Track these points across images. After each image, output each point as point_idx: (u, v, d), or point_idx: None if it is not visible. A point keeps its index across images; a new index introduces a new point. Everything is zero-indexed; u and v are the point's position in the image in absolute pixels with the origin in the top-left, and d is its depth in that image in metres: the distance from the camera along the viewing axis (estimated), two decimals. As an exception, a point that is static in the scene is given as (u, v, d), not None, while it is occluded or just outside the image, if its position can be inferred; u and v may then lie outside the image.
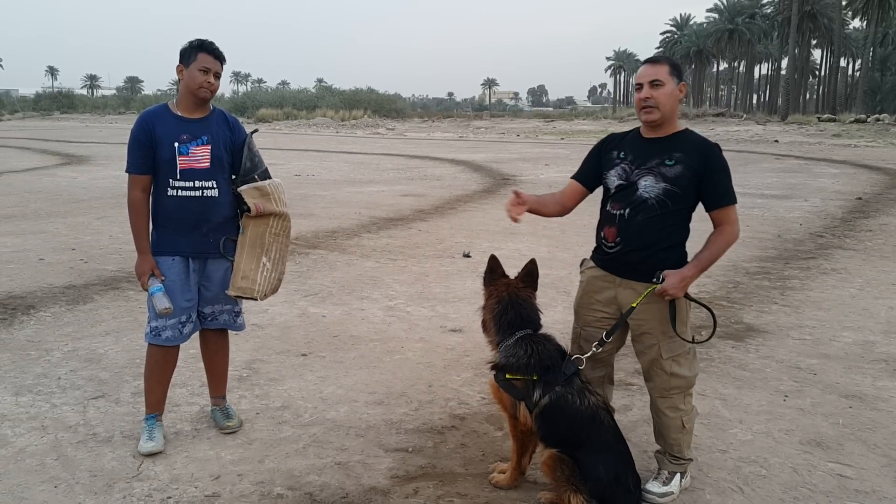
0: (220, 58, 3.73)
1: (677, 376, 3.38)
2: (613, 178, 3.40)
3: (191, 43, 3.71)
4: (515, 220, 3.43)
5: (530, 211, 3.52)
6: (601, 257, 3.47)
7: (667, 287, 3.20)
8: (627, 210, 3.32)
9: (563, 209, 3.62)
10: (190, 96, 3.72)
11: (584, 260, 3.66)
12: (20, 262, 8.20)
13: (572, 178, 3.63)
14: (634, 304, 3.32)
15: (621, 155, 3.41)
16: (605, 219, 3.45)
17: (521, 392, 3.30)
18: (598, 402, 3.29)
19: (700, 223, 3.44)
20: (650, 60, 3.33)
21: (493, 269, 3.55)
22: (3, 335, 5.67)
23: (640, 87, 3.30)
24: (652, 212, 3.27)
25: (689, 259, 3.35)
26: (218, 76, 3.75)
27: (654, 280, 3.25)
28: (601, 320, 3.48)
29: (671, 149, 3.29)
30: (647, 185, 3.28)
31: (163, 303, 3.59)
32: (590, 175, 3.56)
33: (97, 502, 3.34)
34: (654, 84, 3.24)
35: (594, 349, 3.41)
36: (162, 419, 3.98)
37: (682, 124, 3.40)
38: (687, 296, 3.32)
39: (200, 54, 3.66)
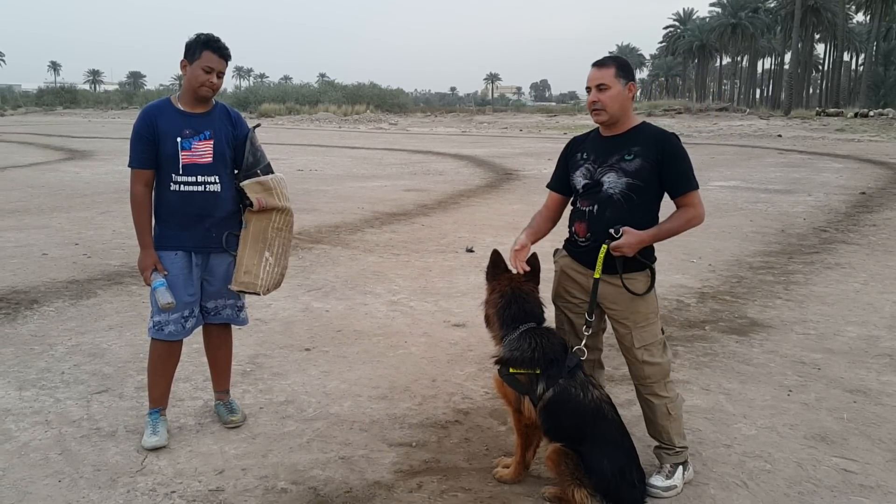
0: (225, 56, 3.69)
1: (649, 364, 3.45)
2: (579, 179, 3.49)
3: (197, 38, 3.67)
4: (525, 270, 3.48)
5: (533, 244, 3.61)
6: (574, 249, 3.55)
7: (622, 242, 3.26)
8: (595, 207, 3.41)
9: (554, 221, 3.74)
10: (191, 92, 3.70)
11: (556, 250, 3.71)
12: (23, 257, 8.20)
13: (549, 188, 3.72)
14: (597, 273, 3.36)
15: (584, 156, 3.51)
16: (575, 215, 3.54)
17: (524, 386, 3.30)
18: (601, 396, 3.31)
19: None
20: (597, 63, 3.39)
21: (496, 263, 3.56)
22: (6, 330, 5.67)
23: (588, 89, 3.38)
24: (618, 206, 3.36)
25: (655, 252, 3.47)
26: (221, 75, 3.71)
27: (613, 231, 3.30)
28: (580, 306, 3.54)
29: (629, 144, 3.37)
30: (611, 182, 3.36)
31: (165, 298, 3.59)
32: (563, 181, 3.64)
33: (101, 497, 3.34)
34: (601, 88, 3.33)
35: (585, 333, 3.45)
36: (165, 414, 3.98)
37: (641, 119, 3.48)
38: (636, 257, 3.35)
39: (205, 52, 3.62)
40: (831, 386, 4.72)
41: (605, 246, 3.32)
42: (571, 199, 3.61)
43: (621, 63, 3.38)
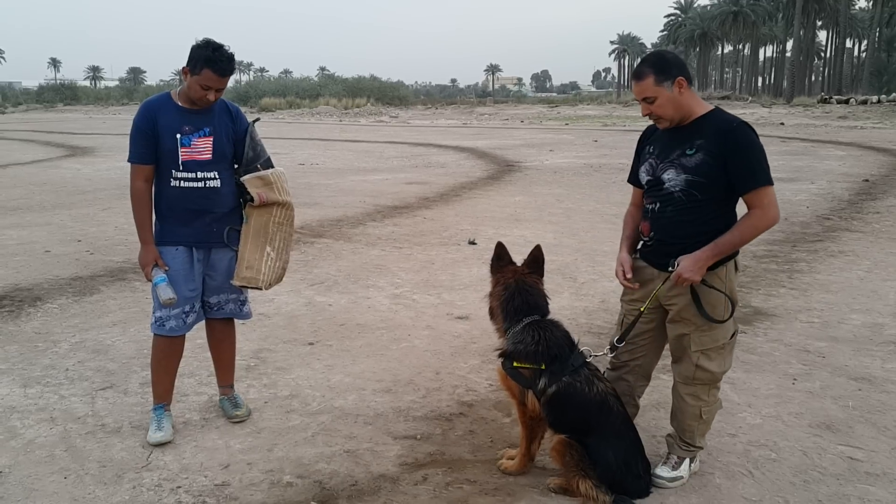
0: (226, 73, 3.58)
1: (703, 370, 3.29)
2: (643, 175, 3.35)
3: (202, 48, 3.54)
4: (633, 287, 3.37)
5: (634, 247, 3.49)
6: (642, 249, 3.43)
7: (681, 271, 3.09)
8: (657, 204, 3.25)
9: (639, 215, 3.50)
10: (189, 99, 3.66)
11: (637, 250, 3.56)
12: (26, 255, 8.21)
13: (630, 182, 3.56)
14: (654, 293, 3.28)
15: (651, 149, 3.34)
16: (643, 213, 3.40)
17: (528, 380, 3.29)
18: (606, 389, 3.30)
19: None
20: (634, 76, 3.19)
21: (500, 255, 3.53)
22: (10, 327, 5.68)
23: (639, 101, 3.22)
24: (680, 204, 3.17)
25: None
26: (221, 90, 3.65)
27: (670, 268, 3.17)
28: (640, 307, 3.40)
29: (693, 136, 3.15)
30: (670, 178, 3.18)
31: (167, 293, 3.59)
32: (636, 175, 3.48)
33: (107, 493, 3.35)
34: (647, 100, 3.15)
35: (606, 352, 3.43)
36: (170, 409, 3.99)
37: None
38: (704, 281, 3.16)
39: (206, 70, 3.51)
40: (836, 374, 4.71)
41: (669, 273, 3.17)
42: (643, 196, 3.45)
43: (659, 64, 3.12)
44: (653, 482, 3.35)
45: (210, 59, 3.51)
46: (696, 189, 3.13)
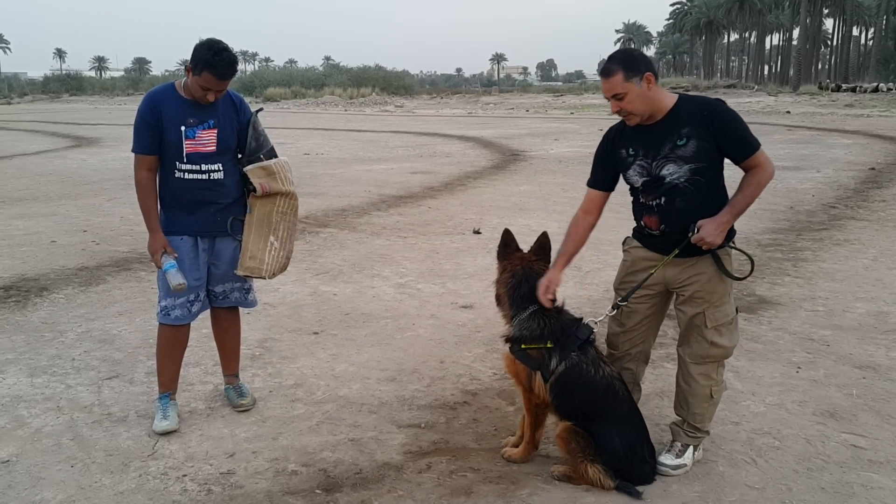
0: (226, 77, 3.56)
1: (717, 346, 3.32)
2: (636, 178, 3.31)
3: (204, 50, 3.50)
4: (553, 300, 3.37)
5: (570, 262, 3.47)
6: (647, 239, 3.40)
7: (703, 235, 3.12)
8: (663, 199, 3.24)
9: (595, 222, 3.52)
10: (192, 94, 3.66)
11: (626, 238, 3.57)
12: (32, 245, 8.24)
13: (589, 186, 3.53)
14: (669, 257, 3.26)
15: (631, 151, 3.31)
16: (641, 209, 3.37)
17: (536, 362, 3.31)
18: (612, 373, 3.32)
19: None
20: (602, 73, 3.17)
21: (507, 243, 3.53)
22: (16, 317, 5.71)
23: (608, 98, 3.22)
24: (688, 193, 3.19)
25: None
26: (221, 91, 3.63)
27: (690, 233, 3.18)
28: (643, 298, 3.41)
29: (676, 127, 3.17)
30: (672, 172, 3.19)
31: (177, 279, 3.59)
32: (606, 179, 3.46)
33: (113, 481, 3.37)
34: (616, 97, 3.15)
35: (610, 311, 3.44)
36: (176, 398, 4.01)
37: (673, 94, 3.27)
38: (730, 245, 3.28)
39: (206, 73, 3.49)
40: (840, 362, 4.71)
41: (689, 237, 3.18)
42: (631, 193, 3.43)
43: (626, 60, 3.14)
44: (657, 469, 3.36)
45: (210, 62, 3.48)
46: (699, 174, 3.17)
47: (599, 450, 3.21)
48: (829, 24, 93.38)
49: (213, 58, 3.48)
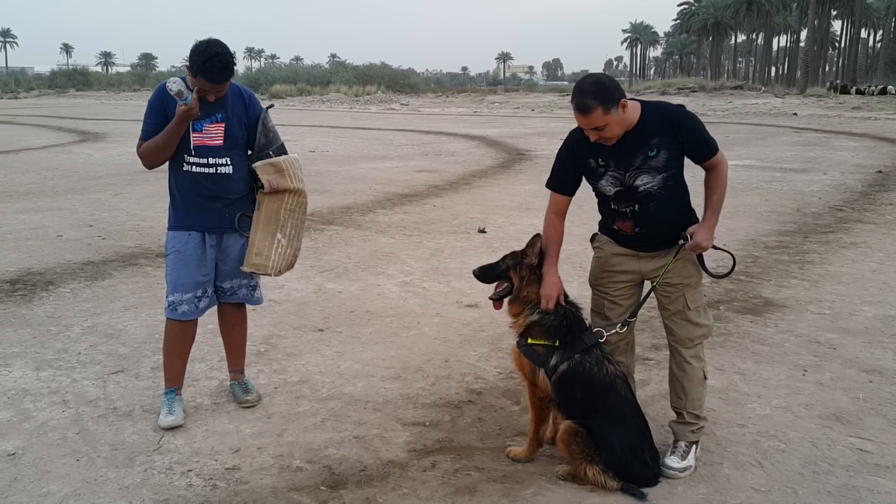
0: (220, 81, 3.57)
1: (700, 325, 3.48)
2: (608, 188, 3.38)
3: (197, 54, 3.50)
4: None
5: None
6: (620, 238, 3.50)
7: (699, 241, 3.29)
8: (637, 205, 3.35)
9: (562, 224, 3.63)
10: None
11: (595, 234, 3.68)
12: (39, 239, 8.26)
13: (552, 189, 3.59)
14: (668, 265, 3.40)
15: (601, 162, 3.34)
16: (613, 215, 3.45)
17: (540, 358, 3.36)
18: (615, 372, 3.36)
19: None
20: (579, 110, 3.12)
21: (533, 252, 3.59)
22: (23, 311, 5.72)
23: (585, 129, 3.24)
24: (661, 198, 3.33)
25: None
26: (221, 91, 3.64)
27: (681, 242, 3.35)
28: (622, 290, 3.56)
29: (646, 138, 3.24)
30: (646, 182, 3.30)
31: (177, 85, 3.48)
32: (570, 184, 3.52)
33: (119, 475, 3.38)
34: (597, 129, 3.17)
35: (618, 330, 3.49)
36: (181, 393, 4.02)
37: (637, 102, 3.31)
38: (714, 246, 3.42)
39: (200, 77, 3.52)
40: (847, 366, 4.70)
41: (680, 247, 3.37)
42: (599, 199, 3.51)
43: (601, 95, 3.08)
44: (663, 472, 3.35)
45: (202, 68, 3.49)
46: (670, 181, 3.33)
47: (599, 450, 3.22)
48: (837, 25, 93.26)
49: (204, 64, 3.49)
